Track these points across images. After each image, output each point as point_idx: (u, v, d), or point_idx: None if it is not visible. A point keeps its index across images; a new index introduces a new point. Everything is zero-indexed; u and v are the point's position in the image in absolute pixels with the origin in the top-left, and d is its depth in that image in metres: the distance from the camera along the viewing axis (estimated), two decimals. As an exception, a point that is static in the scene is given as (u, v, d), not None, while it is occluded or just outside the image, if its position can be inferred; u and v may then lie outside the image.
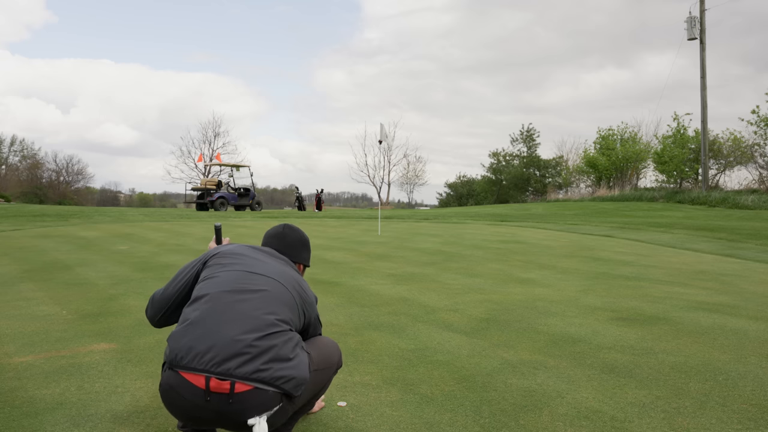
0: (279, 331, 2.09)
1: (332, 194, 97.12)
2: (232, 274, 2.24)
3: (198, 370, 1.96)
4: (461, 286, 6.08)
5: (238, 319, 2.06)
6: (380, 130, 13.56)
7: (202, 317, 2.08)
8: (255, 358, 1.98)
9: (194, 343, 2.00)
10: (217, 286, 2.20)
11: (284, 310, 2.17)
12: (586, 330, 4.21)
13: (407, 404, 2.78)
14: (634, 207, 22.88)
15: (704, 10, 25.22)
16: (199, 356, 1.97)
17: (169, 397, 2.03)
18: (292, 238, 2.58)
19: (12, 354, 3.54)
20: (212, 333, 2.02)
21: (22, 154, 58.53)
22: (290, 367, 2.04)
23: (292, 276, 2.36)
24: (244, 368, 1.96)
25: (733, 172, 29.71)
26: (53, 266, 7.28)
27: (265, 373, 1.98)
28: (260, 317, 2.09)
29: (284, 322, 2.14)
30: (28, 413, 2.63)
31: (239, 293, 2.16)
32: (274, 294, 2.19)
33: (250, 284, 2.20)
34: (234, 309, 2.10)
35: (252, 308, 2.11)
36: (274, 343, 2.04)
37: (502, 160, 48.61)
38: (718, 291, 5.87)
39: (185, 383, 1.97)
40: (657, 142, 32.52)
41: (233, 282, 2.20)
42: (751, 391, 2.97)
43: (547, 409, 2.73)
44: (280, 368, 2.01)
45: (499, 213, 21.86)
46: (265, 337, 2.04)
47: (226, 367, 1.95)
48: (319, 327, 2.51)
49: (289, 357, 2.06)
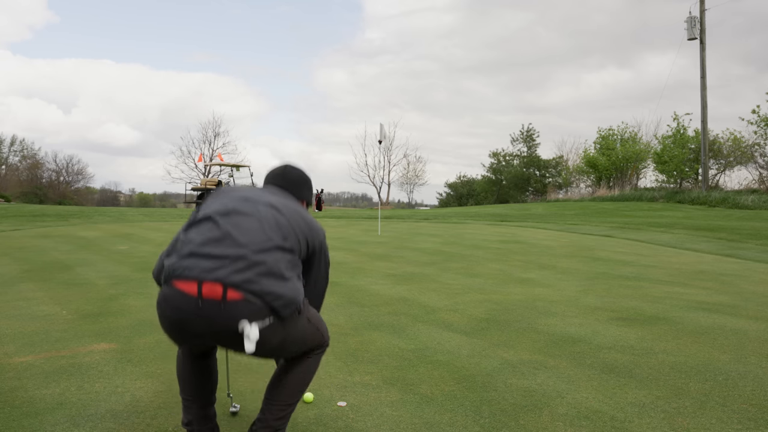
0: (276, 247, 2.05)
1: (332, 194, 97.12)
2: (228, 201, 2.18)
3: (190, 278, 1.95)
4: (461, 286, 6.08)
5: (233, 236, 2.03)
6: (380, 130, 13.57)
7: (195, 235, 2.06)
8: (247, 269, 1.96)
9: (187, 256, 1.99)
10: (212, 209, 2.15)
11: (283, 232, 2.11)
12: (586, 330, 4.21)
13: (407, 404, 2.78)
14: (634, 207, 22.88)
15: (704, 10, 25.23)
16: (191, 267, 1.97)
17: (162, 310, 2.02)
18: (294, 175, 2.49)
19: (12, 354, 3.54)
20: (206, 246, 2.01)
21: (22, 154, 58.54)
22: (282, 285, 2.01)
23: (292, 206, 2.28)
24: (235, 276, 1.94)
25: (733, 172, 29.75)
26: (53, 266, 7.27)
27: (256, 285, 1.95)
28: (257, 234, 2.05)
29: (283, 242, 2.09)
30: (28, 413, 2.63)
31: (235, 215, 2.11)
32: (272, 217, 2.13)
33: (247, 209, 2.14)
34: (229, 227, 2.06)
35: (249, 227, 2.07)
36: (270, 259, 2.01)
37: (502, 160, 48.61)
38: (718, 291, 5.87)
39: (178, 292, 1.96)
40: (657, 142, 32.52)
41: (229, 206, 2.15)
42: (751, 391, 2.97)
43: (547, 409, 2.73)
44: (272, 284, 1.98)
45: (499, 213, 21.85)
46: (260, 252, 2.01)
47: (217, 275, 1.94)
48: (326, 262, 2.40)
49: (284, 275, 2.03)
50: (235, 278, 1.94)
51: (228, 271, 1.94)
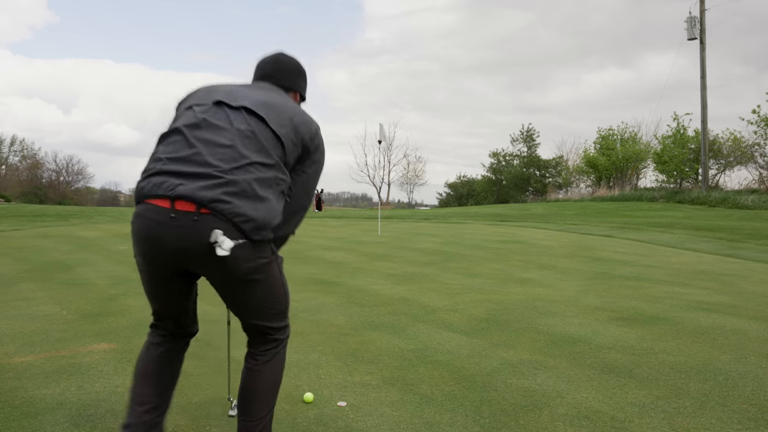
0: (250, 164, 1.88)
1: (332, 194, 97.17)
2: (201, 110, 2.00)
3: (164, 196, 1.84)
4: (461, 286, 6.08)
5: (203, 154, 1.88)
6: (379, 130, 13.58)
7: (164, 152, 1.93)
8: (218, 186, 1.82)
9: (156, 174, 1.89)
10: (184, 120, 1.98)
11: (262, 143, 1.94)
12: (586, 330, 4.21)
13: (407, 404, 2.78)
14: (634, 207, 22.87)
15: (704, 10, 25.22)
16: (160, 184, 1.85)
17: (135, 226, 1.91)
18: (286, 62, 2.27)
19: (12, 354, 3.54)
20: (174, 163, 1.88)
21: (22, 154, 58.56)
22: (254, 206, 1.85)
23: (280, 104, 2.07)
24: (204, 193, 1.80)
25: (733, 172, 29.71)
26: (53, 266, 7.27)
27: (225, 205, 1.81)
28: (228, 152, 1.88)
29: (259, 157, 1.91)
30: (28, 413, 2.63)
31: (207, 129, 1.94)
32: (248, 129, 1.94)
33: (221, 120, 1.95)
34: (199, 144, 1.90)
35: (220, 142, 1.90)
36: (242, 177, 1.85)
37: (502, 160, 48.60)
38: (718, 291, 5.87)
39: (152, 206, 1.86)
40: (657, 142, 32.51)
41: (200, 117, 1.97)
42: (751, 391, 2.97)
43: (547, 409, 2.73)
44: (242, 205, 1.83)
45: (499, 213, 21.85)
46: (231, 171, 1.85)
47: (188, 189, 1.81)
48: (315, 170, 2.16)
49: (258, 195, 1.87)
50: (204, 194, 1.80)
51: (198, 186, 1.81)
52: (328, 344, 3.79)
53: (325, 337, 3.96)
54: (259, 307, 2.03)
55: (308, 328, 4.21)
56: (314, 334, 4.04)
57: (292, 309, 4.86)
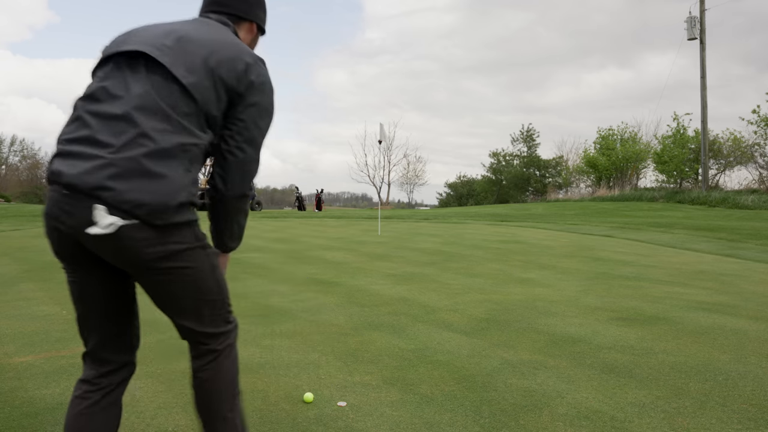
0: (144, 134, 1.56)
1: (332, 194, 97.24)
2: (104, 73, 1.70)
3: (56, 182, 1.60)
4: (461, 286, 6.08)
5: (94, 130, 1.58)
6: (380, 130, 13.58)
7: (63, 132, 1.67)
8: (102, 169, 1.53)
9: (56, 159, 1.62)
10: (83, 94, 1.71)
11: (167, 102, 1.61)
12: (586, 330, 4.21)
13: (407, 404, 2.78)
14: (634, 207, 22.88)
15: (704, 10, 25.23)
16: (56, 170, 1.60)
17: (45, 210, 1.66)
18: None
19: (12, 354, 3.54)
20: (70, 144, 1.61)
21: (22, 154, 58.61)
22: (145, 189, 1.53)
23: (198, 39, 1.71)
24: (87, 178, 1.53)
25: (733, 172, 29.73)
26: (53, 266, 7.27)
27: (107, 192, 1.51)
28: (125, 118, 1.58)
29: (162, 123, 1.59)
30: (28, 413, 2.63)
31: (98, 102, 1.64)
32: (151, 90, 1.62)
33: (117, 88, 1.63)
34: (91, 120, 1.61)
35: (117, 108, 1.60)
36: (132, 154, 1.53)
37: (502, 160, 48.62)
38: (718, 291, 5.87)
39: (50, 191, 1.63)
40: (657, 142, 32.52)
41: (94, 86, 1.67)
42: (751, 391, 2.97)
43: (547, 409, 2.73)
44: (128, 189, 1.51)
45: (499, 213, 21.85)
46: (125, 146, 1.54)
47: (72, 176, 1.55)
48: (253, 120, 1.76)
49: (151, 172, 1.54)
50: (87, 182, 1.53)
51: (82, 172, 1.54)
52: (328, 344, 3.79)
53: (325, 337, 3.96)
54: (184, 306, 1.74)
55: (308, 328, 4.21)
56: (314, 334, 4.04)
57: (292, 309, 4.87)
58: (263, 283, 6.22)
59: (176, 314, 1.77)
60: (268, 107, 1.81)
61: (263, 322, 4.40)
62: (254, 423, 2.54)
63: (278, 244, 10.40)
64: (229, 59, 1.70)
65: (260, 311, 4.79)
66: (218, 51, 1.70)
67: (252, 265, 7.66)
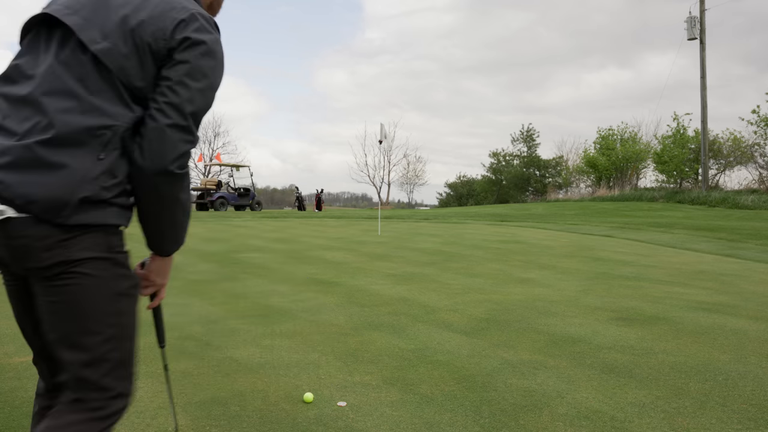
0: (44, 116, 1.33)
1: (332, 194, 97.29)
2: (22, 48, 1.47)
3: None
4: (461, 286, 6.08)
5: (8, 111, 1.37)
6: (380, 130, 13.58)
7: None
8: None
9: None
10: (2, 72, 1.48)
11: (71, 76, 1.36)
12: (586, 330, 4.21)
13: (407, 404, 2.78)
14: (634, 207, 22.87)
15: (704, 10, 25.22)
16: None
17: None
18: None
19: (12, 354, 3.54)
20: None
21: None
22: (38, 182, 1.29)
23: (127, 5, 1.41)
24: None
25: (733, 172, 29.73)
26: (53, 266, 7.26)
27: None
28: (29, 101, 1.35)
29: (64, 100, 1.34)
30: (28, 413, 2.62)
31: (10, 83, 1.41)
32: (56, 59, 1.37)
33: (29, 67, 1.40)
34: (5, 100, 1.39)
35: (23, 90, 1.37)
36: (26, 142, 1.31)
37: (502, 160, 48.62)
38: (718, 291, 5.87)
39: None
40: (657, 142, 32.52)
41: (13, 61, 1.45)
42: (751, 391, 2.97)
43: (547, 409, 2.73)
44: (19, 183, 1.29)
45: (499, 213, 21.86)
46: (25, 134, 1.32)
47: None
48: (194, 47, 1.41)
49: (46, 162, 1.30)
50: None
51: None
52: (328, 344, 3.79)
53: (325, 337, 3.96)
54: (70, 330, 1.39)
55: (308, 328, 4.21)
56: (314, 334, 4.04)
57: (292, 309, 4.86)
58: (263, 283, 6.22)
59: (55, 339, 1.41)
60: (203, 68, 1.42)
61: (263, 322, 4.40)
62: (254, 423, 2.54)
63: (278, 244, 10.40)
64: (154, 17, 1.39)
65: (260, 311, 4.79)
66: (143, 8, 1.40)
67: (252, 265, 7.66)
